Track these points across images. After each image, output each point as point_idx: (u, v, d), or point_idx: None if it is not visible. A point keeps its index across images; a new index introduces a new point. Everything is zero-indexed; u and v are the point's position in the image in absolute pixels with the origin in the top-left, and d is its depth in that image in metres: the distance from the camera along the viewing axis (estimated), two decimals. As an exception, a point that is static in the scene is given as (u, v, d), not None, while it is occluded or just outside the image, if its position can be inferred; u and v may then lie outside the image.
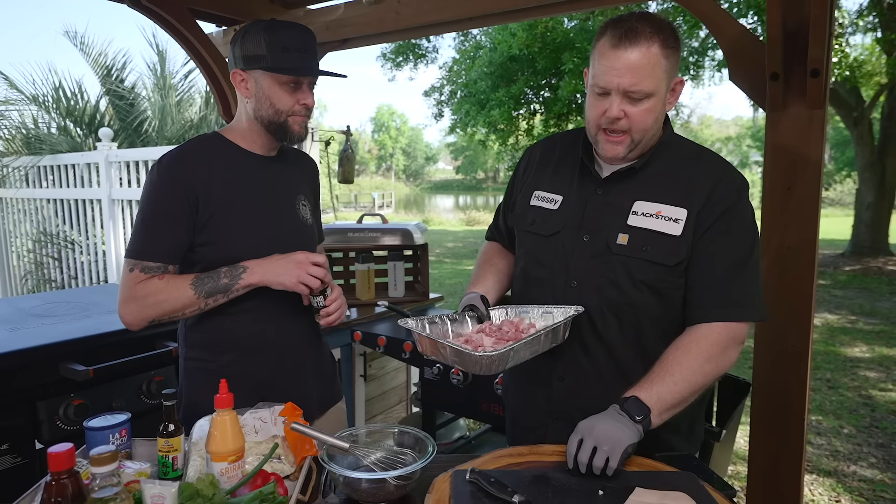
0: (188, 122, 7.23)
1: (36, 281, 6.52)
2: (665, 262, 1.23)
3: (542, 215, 1.37)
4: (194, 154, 1.44)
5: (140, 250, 1.37)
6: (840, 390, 4.61)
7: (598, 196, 1.31)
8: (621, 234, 1.25)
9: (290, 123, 1.44)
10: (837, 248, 12.20)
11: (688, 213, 1.22)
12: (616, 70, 1.16)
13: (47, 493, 0.85)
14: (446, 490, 1.06)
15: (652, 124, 1.22)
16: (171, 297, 1.36)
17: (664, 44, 1.17)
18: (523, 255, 1.42)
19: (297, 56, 1.40)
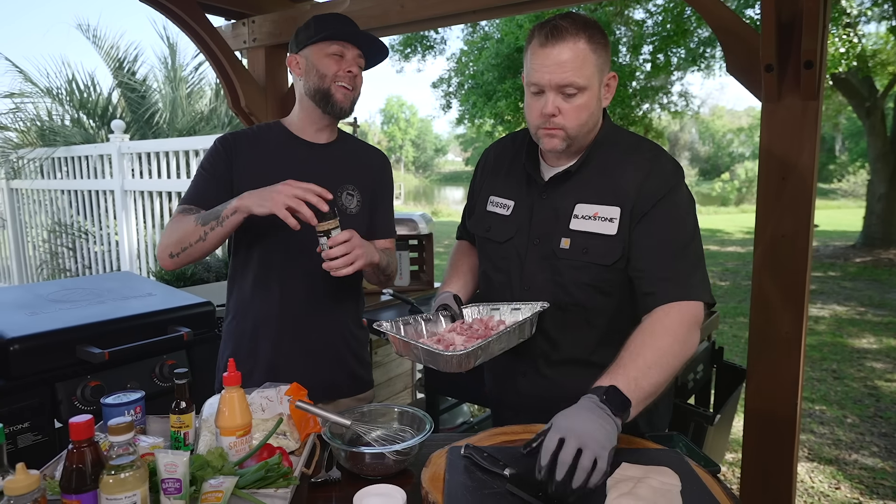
0: (198, 113, 7.31)
1: (51, 270, 6.65)
2: (603, 262, 1.25)
3: (496, 221, 1.40)
4: (247, 135, 1.61)
5: (184, 196, 1.56)
6: (846, 381, 4.63)
7: (543, 200, 1.33)
8: (564, 239, 1.28)
9: (334, 91, 1.54)
10: (849, 240, 12.10)
11: (621, 211, 1.24)
12: (547, 67, 1.20)
13: (69, 460, 0.92)
14: (442, 464, 1.12)
15: (587, 119, 1.25)
16: (179, 227, 1.47)
17: (590, 39, 1.20)
18: (483, 260, 1.46)
19: (341, 30, 1.53)
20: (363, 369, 1.73)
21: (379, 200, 1.71)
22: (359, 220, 1.64)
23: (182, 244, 1.46)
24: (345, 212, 1.61)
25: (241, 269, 1.63)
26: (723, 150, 42.78)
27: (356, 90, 1.58)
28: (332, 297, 1.60)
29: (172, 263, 1.49)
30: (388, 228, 1.75)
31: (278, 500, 1.05)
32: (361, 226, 1.65)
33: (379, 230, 1.72)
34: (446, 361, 1.18)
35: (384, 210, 1.73)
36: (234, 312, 1.65)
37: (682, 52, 10.57)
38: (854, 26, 8.46)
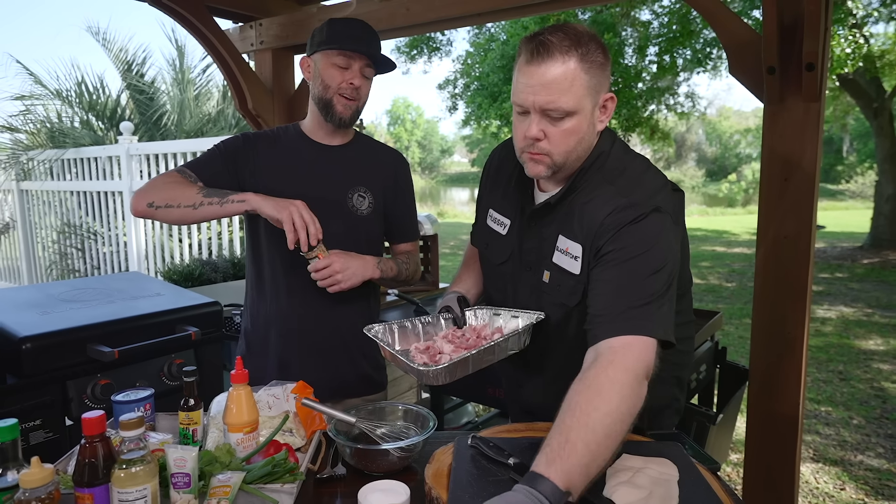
0: (206, 115, 7.37)
1: (60, 271, 6.72)
2: (568, 302, 1.17)
3: (494, 239, 1.34)
4: (265, 134, 1.65)
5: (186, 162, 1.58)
6: (852, 382, 4.61)
7: (532, 228, 1.25)
8: (546, 272, 1.22)
9: (335, 102, 1.55)
10: (856, 241, 12.03)
11: (582, 249, 1.14)
12: (531, 87, 1.07)
13: (82, 455, 0.94)
14: (445, 461, 1.14)
15: (574, 146, 1.12)
16: (175, 185, 1.47)
17: (583, 58, 1.06)
18: (483, 273, 1.44)
19: (349, 39, 1.52)
20: (375, 371, 1.74)
21: (396, 202, 1.70)
22: (370, 222, 1.65)
23: (170, 201, 1.45)
24: (355, 213, 1.62)
25: (257, 270, 1.66)
26: (730, 151, 42.59)
27: (360, 100, 1.58)
28: (344, 299, 1.60)
29: (145, 213, 1.47)
30: (409, 232, 1.74)
31: (284, 495, 1.07)
32: (372, 227, 1.66)
33: (398, 233, 1.72)
34: (423, 376, 1.14)
35: (403, 212, 1.72)
36: (250, 311, 1.68)
37: (687, 54, 10.55)
38: (860, 27, 8.42)
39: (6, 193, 7.42)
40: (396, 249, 1.75)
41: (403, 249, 1.74)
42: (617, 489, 0.99)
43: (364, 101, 1.60)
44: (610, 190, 1.15)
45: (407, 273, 1.68)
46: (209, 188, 1.49)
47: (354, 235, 1.59)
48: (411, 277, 1.71)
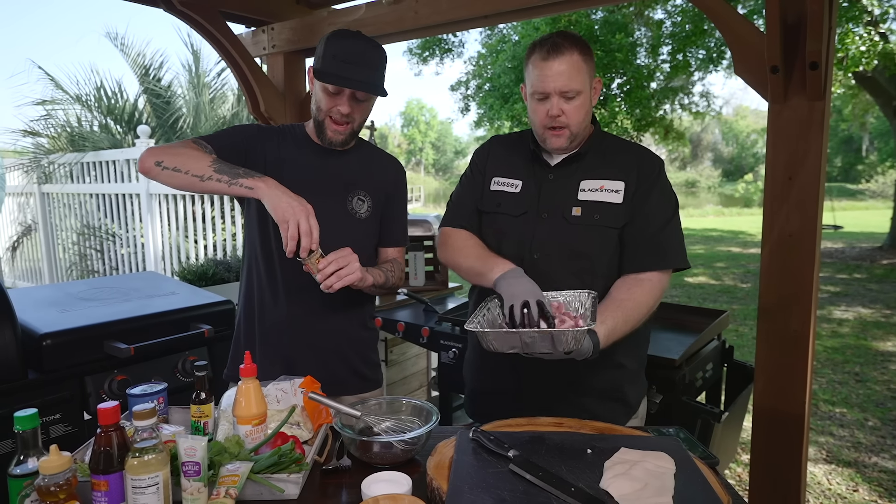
0: (221, 118, 7.48)
1: (80, 272, 6.86)
2: (614, 225, 1.49)
3: (506, 198, 1.59)
4: (277, 129, 1.68)
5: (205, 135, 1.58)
6: (868, 384, 4.55)
7: (550, 180, 1.56)
8: (574, 208, 1.50)
9: (326, 126, 1.57)
10: (876, 241, 11.85)
11: (625, 185, 1.50)
12: (550, 77, 1.44)
13: (97, 444, 0.98)
14: (447, 454, 1.16)
15: (584, 117, 1.50)
16: (189, 153, 1.44)
17: (581, 52, 1.46)
18: (492, 233, 1.60)
19: (342, 66, 1.47)
20: (369, 369, 1.75)
21: (391, 208, 1.73)
22: (368, 226, 1.67)
23: (179, 165, 1.42)
24: (354, 216, 1.64)
25: (251, 266, 1.67)
26: (746, 151, 42.10)
27: (354, 123, 1.58)
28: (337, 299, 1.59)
29: (150, 171, 1.44)
30: (399, 237, 1.76)
31: (291, 484, 1.10)
32: (370, 231, 1.69)
33: (388, 238, 1.74)
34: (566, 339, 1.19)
35: (396, 218, 1.75)
36: (244, 308, 1.69)
37: (701, 53, 10.47)
38: (875, 24, 8.30)
39: (28, 196, 7.59)
40: (384, 254, 1.74)
41: (391, 255, 1.74)
42: (613, 481, 1.01)
43: (360, 122, 1.60)
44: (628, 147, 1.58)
45: (393, 280, 1.68)
46: (221, 163, 1.44)
47: (352, 238, 1.57)
48: (396, 284, 1.71)
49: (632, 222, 1.49)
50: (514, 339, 1.22)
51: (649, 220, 1.49)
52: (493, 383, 1.63)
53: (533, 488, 1.00)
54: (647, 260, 1.48)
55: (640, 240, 1.49)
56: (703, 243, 13.38)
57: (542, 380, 1.52)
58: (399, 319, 2.64)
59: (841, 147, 29.58)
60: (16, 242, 7.91)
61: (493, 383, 1.63)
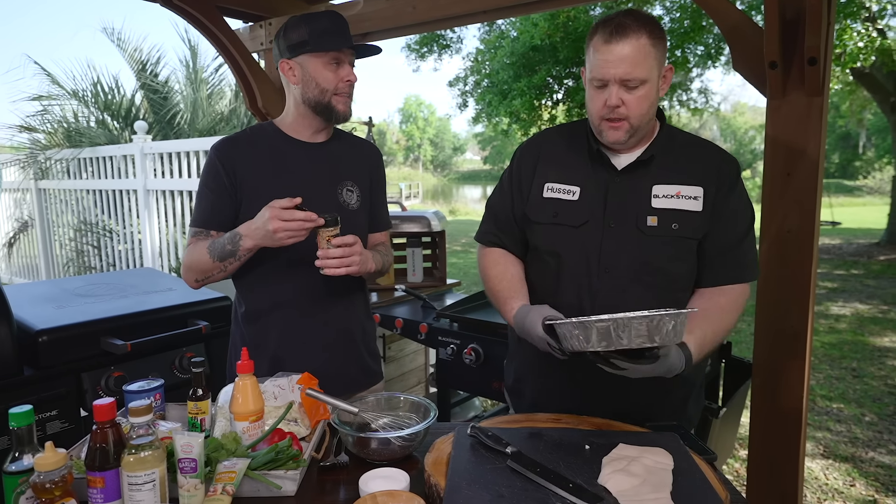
0: (218, 114, 7.45)
1: (77, 268, 6.84)
2: (695, 236, 1.35)
3: (563, 207, 1.41)
4: (241, 139, 1.62)
5: (192, 219, 1.62)
6: (865, 379, 4.57)
7: (617, 184, 1.38)
8: (650, 217, 1.34)
9: (335, 103, 1.56)
10: (873, 238, 11.87)
11: (704, 191, 1.34)
12: (611, 62, 1.27)
13: (93, 440, 0.98)
14: (445, 450, 1.16)
15: (647, 109, 1.32)
16: (198, 260, 1.54)
17: (651, 35, 1.27)
18: (548, 248, 1.43)
19: (336, 37, 1.52)
20: (373, 361, 1.77)
21: (377, 193, 1.75)
22: (360, 215, 1.67)
23: (205, 274, 1.56)
24: (346, 208, 1.63)
25: (246, 263, 1.66)
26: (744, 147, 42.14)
27: (352, 91, 1.60)
28: (339, 289, 1.63)
29: (198, 286, 1.61)
30: (384, 221, 1.79)
31: (288, 481, 1.10)
32: (362, 221, 1.69)
33: (375, 223, 1.75)
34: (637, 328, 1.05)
35: (380, 203, 1.77)
36: (242, 306, 1.69)
37: (699, 49, 10.46)
38: (873, 20, 8.29)
39: (25, 192, 7.56)
40: (373, 238, 1.76)
41: (378, 239, 1.76)
42: (611, 477, 1.01)
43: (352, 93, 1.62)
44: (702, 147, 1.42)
45: (385, 264, 1.71)
46: (212, 247, 1.51)
47: (348, 230, 1.56)
48: (388, 268, 1.74)
49: (712, 232, 1.35)
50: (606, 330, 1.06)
51: (730, 231, 1.35)
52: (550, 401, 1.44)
53: (531, 484, 1.00)
54: (730, 274, 1.36)
55: (721, 251, 1.36)
56: (700, 239, 13.36)
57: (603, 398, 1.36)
58: (397, 316, 2.63)
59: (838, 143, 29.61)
60: (12, 238, 7.88)
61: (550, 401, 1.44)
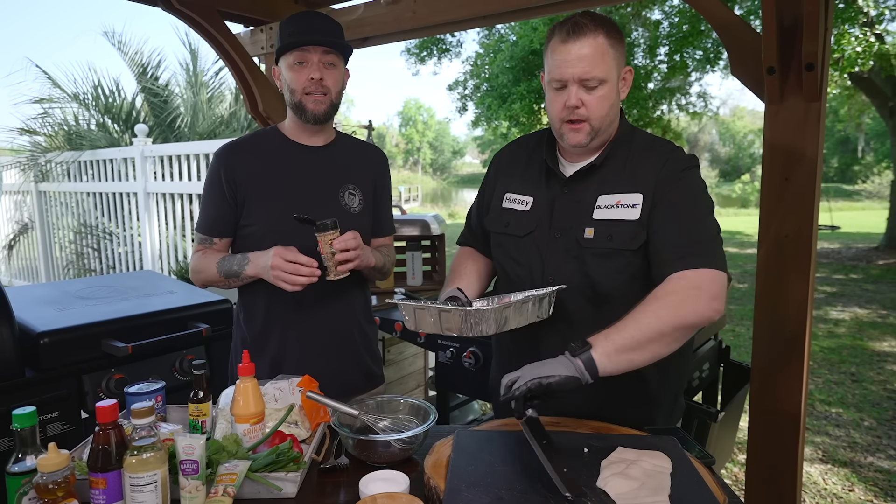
0: (219, 117, 7.47)
1: (77, 270, 6.84)
2: (629, 247, 1.29)
3: (514, 217, 1.43)
4: (243, 144, 1.65)
5: (198, 224, 1.66)
6: (864, 384, 4.57)
7: (565, 194, 1.37)
8: (587, 229, 1.32)
9: (304, 102, 1.55)
10: (872, 242, 11.89)
11: (643, 196, 1.29)
12: (569, 62, 1.26)
13: (96, 442, 0.99)
14: (444, 453, 1.17)
15: (608, 111, 1.30)
16: (205, 270, 1.61)
17: (608, 35, 1.26)
18: (501, 256, 1.47)
19: (298, 36, 1.51)
20: (375, 364, 1.78)
21: (379, 198, 1.75)
22: (362, 219, 1.67)
23: (210, 283, 1.65)
24: (348, 211, 1.64)
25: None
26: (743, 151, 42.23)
27: (330, 93, 1.55)
28: (339, 292, 1.63)
29: (204, 287, 1.70)
30: (388, 226, 1.80)
31: (288, 482, 1.11)
32: (365, 224, 1.69)
33: (379, 227, 1.76)
34: (467, 318, 1.17)
35: (384, 207, 1.77)
36: (243, 310, 1.70)
37: (697, 54, 10.50)
38: (871, 26, 8.33)
39: (25, 195, 7.57)
40: (376, 243, 1.77)
41: (382, 243, 1.77)
42: (610, 480, 1.01)
43: (336, 92, 1.57)
44: (653, 150, 1.34)
45: (389, 265, 1.73)
46: (221, 262, 1.59)
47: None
48: (390, 270, 1.77)
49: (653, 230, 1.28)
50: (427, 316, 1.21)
51: (671, 223, 1.26)
52: None
53: (530, 487, 1.01)
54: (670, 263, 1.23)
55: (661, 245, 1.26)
56: (700, 244, 13.38)
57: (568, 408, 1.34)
58: (397, 319, 2.64)
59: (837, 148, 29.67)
60: (12, 241, 7.88)
61: None
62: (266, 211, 1.58)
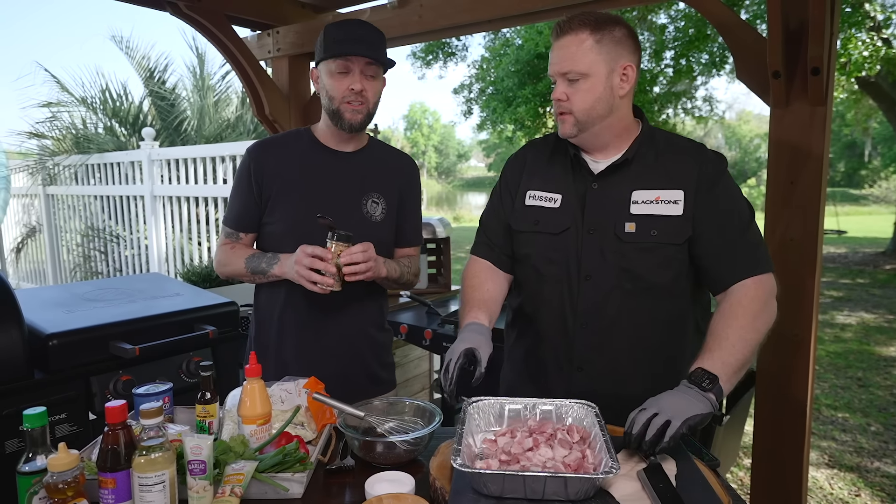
0: (225, 121, 7.50)
1: (84, 273, 6.88)
2: (675, 241, 1.32)
3: (544, 214, 1.42)
4: (274, 143, 1.68)
5: (225, 218, 1.71)
6: (871, 389, 4.55)
7: (595, 190, 1.38)
8: (628, 224, 1.33)
9: (342, 111, 1.55)
10: (879, 247, 11.83)
11: (685, 193, 1.32)
12: (555, 58, 1.34)
13: (105, 442, 1.00)
14: (449, 454, 1.17)
15: (592, 104, 1.32)
16: (231, 263, 1.66)
17: (595, 31, 1.29)
18: (532, 255, 1.44)
19: (344, 44, 1.51)
20: (385, 371, 1.77)
21: (406, 207, 1.73)
22: (383, 229, 1.66)
23: (235, 277, 1.69)
24: (369, 220, 1.64)
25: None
26: (749, 156, 42.09)
27: (368, 103, 1.56)
28: (350, 297, 1.63)
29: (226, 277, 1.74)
30: (414, 237, 1.77)
31: (295, 483, 1.11)
32: (385, 234, 1.68)
33: (403, 238, 1.74)
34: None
35: (411, 217, 1.75)
36: (260, 313, 1.72)
37: (704, 58, 10.48)
38: (878, 30, 8.31)
39: (33, 198, 7.63)
40: (399, 253, 1.75)
41: (406, 253, 1.75)
42: (614, 482, 1.02)
43: (374, 102, 1.58)
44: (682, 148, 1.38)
45: (408, 276, 1.70)
46: (251, 259, 1.62)
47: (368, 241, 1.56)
48: (411, 281, 1.73)
49: (704, 234, 1.31)
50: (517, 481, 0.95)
51: (726, 228, 1.31)
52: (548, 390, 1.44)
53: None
54: (739, 271, 1.28)
55: (720, 251, 1.30)
56: (705, 247, 13.34)
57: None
58: (402, 322, 2.65)
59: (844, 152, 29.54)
60: (20, 244, 7.94)
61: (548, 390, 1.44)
62: (287, 212, 1.60)
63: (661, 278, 1.33)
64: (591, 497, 0.97)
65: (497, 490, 0.96)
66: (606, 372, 1.38)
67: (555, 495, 0.95)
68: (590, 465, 1.03)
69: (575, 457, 1.04)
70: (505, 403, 1.23)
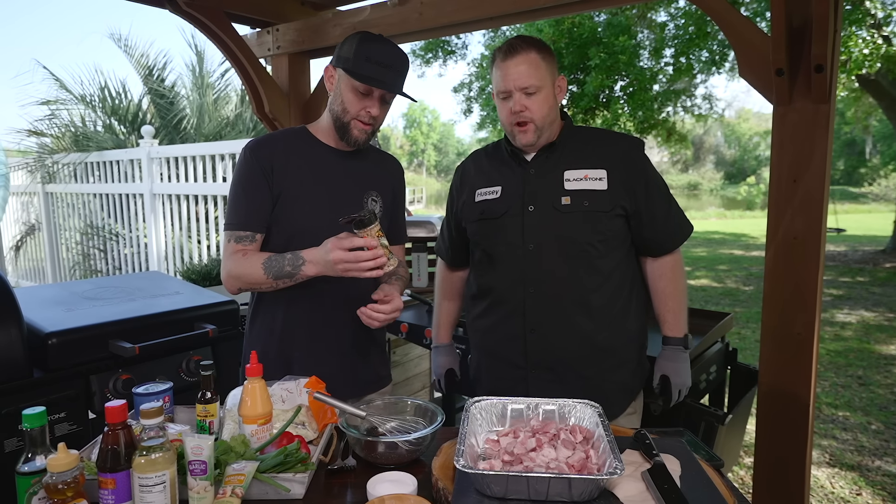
0: (224, 119, 7.49)
1: (83, 271, 6.87)
2: (604, 209, 1.55)
3: (488, 204, 1.64)
4: (275, 139, 1.64)
5: (232, 222, 1.57)
6: (871, 387, 4.54)
7: (532, 175, 1.61)
8: (563, 197, 1.56)
9: (352, 127, 1.55)
10: (879, 245, 11.83)
11: (607, 172, 1.56)
12: (510, 75, 1.53)
13: (105, 442, 0.99)
14: (452, 454, 1.17)
15: (548, 111, 1.56)
16: (248, 273, 1.52)
17: (539, 51, 1.54)
18: (481, 240, 1.67)
19: (376, 68, 1.48)
20: (382, 365, 1.79)
21: (397, 206, 1.76)
22: (383, 226, 1.65)
23: (253, 286, 1.57)
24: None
25: None
26: (749, 154, 42.09)
27: (376, 124, 1.58)
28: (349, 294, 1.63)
29: (238, 292, 1.60)
30: (403, 234, 1.82)
31: (296, 483, 1.11)
32: (383, 230, 1.69)
33: (395, 236, 1.75)
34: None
35: (398, 216, 1.78)
36: (258, 310, 1.70)
37: (704, 55, 10.47)
38: (879, 27, 8.30)
39: (32, 196, 7.61)
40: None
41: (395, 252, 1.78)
42: (618, 482, 1.01)
43: (380, 123, 1.60)
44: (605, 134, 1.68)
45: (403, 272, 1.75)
46: (270, 264, 1.50)
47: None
48: (405, 276, 1.77)
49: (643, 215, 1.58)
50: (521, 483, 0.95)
51: (658, 204, 1.59)
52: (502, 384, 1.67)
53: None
54: (668, 242, 1.62)
55: (660, 223, 1.60)
56: (705, 246, 13.37)
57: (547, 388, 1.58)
58: (402, 320, 2.64)
59: (844, 150, 29.55)
60: (19, 242, 7.93)
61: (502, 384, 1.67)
62: (296, 209, 1.58)
63: (595, 240, 1.55)
64: (595, 498, 0.96)
65: (500, 491, 0.96)
66: (557, 330, 1.58)
67: (559, 496, 0.95)
68: (593, 465, 1.03)
69: (578, 457, 1.04)
70: (507, 403, 1.23)
